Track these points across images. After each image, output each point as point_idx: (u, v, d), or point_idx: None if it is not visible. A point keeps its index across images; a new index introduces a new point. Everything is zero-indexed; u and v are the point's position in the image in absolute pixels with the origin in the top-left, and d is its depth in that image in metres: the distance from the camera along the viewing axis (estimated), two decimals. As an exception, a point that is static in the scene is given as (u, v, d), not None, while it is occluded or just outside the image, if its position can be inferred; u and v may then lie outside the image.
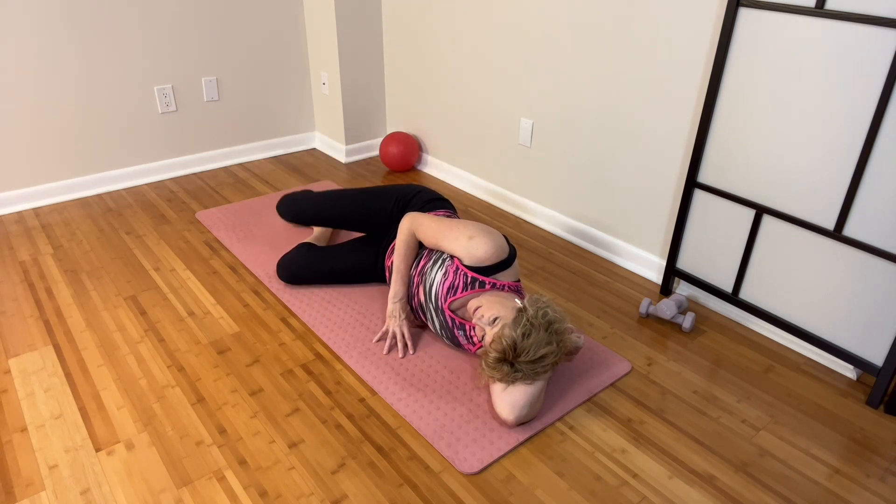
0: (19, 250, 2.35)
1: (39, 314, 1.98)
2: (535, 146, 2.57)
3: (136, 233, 2.50)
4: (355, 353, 1.82)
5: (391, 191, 2.05)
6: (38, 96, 2.57)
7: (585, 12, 2.17)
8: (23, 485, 1.40)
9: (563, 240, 2.56)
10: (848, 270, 1.70)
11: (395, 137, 3.10)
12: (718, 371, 1.81)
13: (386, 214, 2.03)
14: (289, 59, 3.21)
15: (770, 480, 1.45)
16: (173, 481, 1.41)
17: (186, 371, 1.75)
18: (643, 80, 2.08)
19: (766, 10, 1.67)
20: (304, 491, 1.39)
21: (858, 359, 1.73)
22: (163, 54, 2.82)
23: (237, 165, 3.21)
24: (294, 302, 2.05)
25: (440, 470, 1.46)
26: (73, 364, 1.77)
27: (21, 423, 1.56)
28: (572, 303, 2.12)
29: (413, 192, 2.03)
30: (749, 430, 1.59)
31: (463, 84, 2.81)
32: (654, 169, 2.16)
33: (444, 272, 1.72)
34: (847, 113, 1.58)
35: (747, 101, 1.78)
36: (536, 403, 1.55)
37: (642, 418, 1.63)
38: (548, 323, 1.51)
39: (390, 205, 2.03)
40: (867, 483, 1.45)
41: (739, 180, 1.87)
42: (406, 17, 2.98)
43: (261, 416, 1.60)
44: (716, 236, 1.99)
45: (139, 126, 2.87)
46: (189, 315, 1.99)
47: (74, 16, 2.54)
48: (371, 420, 1.60)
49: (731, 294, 2.00)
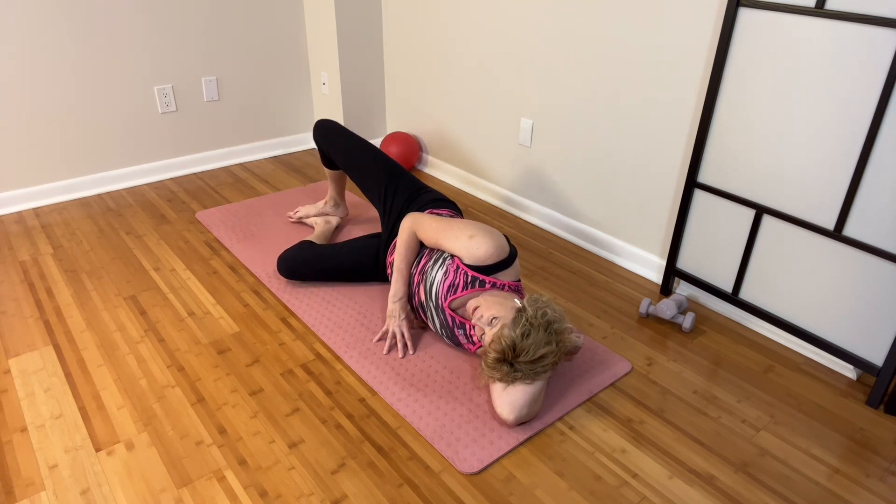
0: (19, 250, 2.35)
1: (39, 314, 1.98)
2: (535, 146, 2.57)
3: (136, 233, 2.50)
4: (355, 353, 1.82)
5: (407, 174, 2.10)
6: (38, 96, 2.57)
7: (585, 12, 2.17)
8: (23, 485, 1.40)
9: (563, 240, 2.56)
10: (848, 270, 1.70)
11: (395, 137, 3.10)
12: (718, 371, 1.81)
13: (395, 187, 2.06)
14: (289, 59, 3.21)
15: (770, 480, 1.45)
16: (173, 481, 1.41)
17: (186, 371, 1.75)
18: (643, 80, 2.08)
19: (766, 10, 1.67)
20: (304, 491, 1.39)
21: (858, 359, 1.73)
22: (163, 54, 2.82)
23: (237, 165, 3.21)
24: (294, 302, 2.05)
25: (440, 470, 1.46)
26: (73, 364, 1.77)
27: (21, 423, 1.56)
28: (572, 303, 2.12)
29: (422, 187, 2.06)
30: (749, 430, 1.59)
31: (463, 84, 2.81)
32: (654, 169, 2.16)
33: (445, 271, 1.72)
34: (847, 113, 1.58)
35: (747, 100, 1.78)
36: (536, 403, 1.55)
37: (642, 418, 1.63)
38: (547, 323, 1.51)
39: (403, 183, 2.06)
40: (867, 483, 1.45)
41: (739, 180, 1.87)
42: (406, 17, 2.98)
43: (261, 416, 1.60)
44: (716, 236, 1.99)
45: (139, 126, 2.87)
46: (189, 315, 1.99)
47: (74, 16, 2.54)
48: (371, 420, 1.60)
49: (731, 294, 2.00)
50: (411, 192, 2.03)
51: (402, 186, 2.04)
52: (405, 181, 2.06)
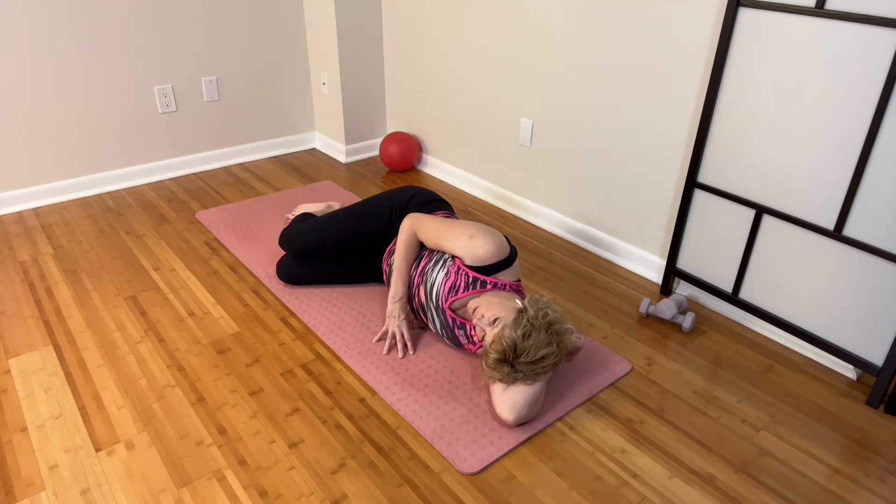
0: (19, 250, 2.35)
1: (39, 314, 1.98)
2: (535, 146, 2.57)
3: (136, 233, 2.50)
4: (355, 353, 1.82)
5: (384, 201, 2.01)
6: (38, 96, 2.57)
7: (585, 13, 2.17)
8: (23, 485, 1.40)
9: (563, 240, 2.56)
10: (848, 270, 1.70)
11: (395, 137, 3.10)
12: (718, 371, 1.81)
13: (384, 225, 2.00)
14: (289, 59, 3.21)
15: (770, 480, 1.45)
16: (173, 481, 1.41)
17: (186, 371, 1.75)
18: (643, 80, 2.08)
19: (766, 10, 1.67)
20: (304, 491, 1.39)
21: (858, 359, 1.73)
22: (163, 54, 2.82)
23: (237, 165, 3.21)
24: (294, 302, 2.05)
25: (440, 470, 1.46)
26: (73, 364, 1.77)
27: (21, 423, 1.56)
28: (572, 303, 2.12)
29: (408, 197, 2.00)
30: (749, 430, 1.60)
31: (463, 84, 2.81)
32: (654, 169, 2.16)
33: (446, 272, 1.72)
34: (847, 113, 1.58)
35: (747, 100, 1.78)
36: (536, 403, 1.55)
37: (642, 418, 1.63)
38: (548, 324, 1.51)
39: (386, 215, 1.99)
40: (867, 483, 1.45)
41: (739, 180, 1.87)
42: (406, 17, 2.98)
43: (261, 416, 1.60)
44: (716, 236, 1.99)
45: (139, 126, 2.87)
46: (189, 315, 1.99)
47: (74, 16, 2.54)
48: (371, 420, 1.60)
49: (731, 294, 2.00)
50: (405, 206, 2.01)
51: (394, 213, 2.00)
52: (392, 209, 2.00)
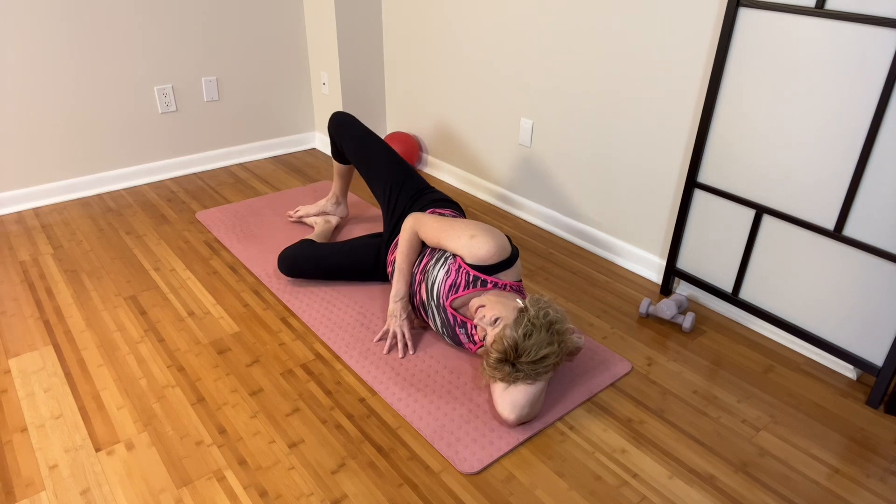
0: (19, 250, 2.35)
1: (39, 314, 1.98)
2: (535, 146, 2.57)
3: (136, 233, 2.50)
4: (355, 353, 1.82)
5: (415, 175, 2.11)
6: (38, 96, 2.57)
7: (585, 12, 2.17)
8: (23, 485, 1.40)
9: (563, 240, 2.56)
10: (848, 270, 1.70)
11: (395, 137, 3.10)
12: (718, 371, 1.81)
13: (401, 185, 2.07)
14: (289, 59, 3.21)
15: (770, 480, 1.45)
16: (173, 481, 1.41)
17: (186, 371, 1.75)
18: (643, 80, 2.08)
19: (766, 10, 1.67)
20: (304, 491, 1.39)
21: (858, 359, 1.73)
22: (163, 54, 2.82)
23: (237, 165, 3.21)
24: (294, 302, 2.05)
25: (440, 470, 1.46)
26: (73, 364, 1.77)
27: (21, 423, 1.56)
28: (572, 303, 2.12)
29: (427, 186, 2.07)
30: (749, 430, 1.60)
31: (463, 84, 2.81)
32: (654, 169, 2.16)
33: (447, 270, 1.72)
34: (847, 113, 1.59)
35: (747, 101, 1.78)
36: (537, 403, 1.55)
37: (642, 418, 1.63)
38: (549, 323, 1.51)
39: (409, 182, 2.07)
40: (867, 483, 1.45)
41: (739, 180, 1.87)
42: (406, 17, 2.98)
43: (261, 416, 1.60)
44: (716, 236, 1.99)
45: (139, 126, 2.87)
46: (189, 315, 1.99)
47: (74, 16, 2.54)
48: (371, 420, 1.60)
49: (731, 294, 2.00)
50: (416, 192, 2.03)
51: (409, 185, 2.05)
52: (412, 181, 2.06)
